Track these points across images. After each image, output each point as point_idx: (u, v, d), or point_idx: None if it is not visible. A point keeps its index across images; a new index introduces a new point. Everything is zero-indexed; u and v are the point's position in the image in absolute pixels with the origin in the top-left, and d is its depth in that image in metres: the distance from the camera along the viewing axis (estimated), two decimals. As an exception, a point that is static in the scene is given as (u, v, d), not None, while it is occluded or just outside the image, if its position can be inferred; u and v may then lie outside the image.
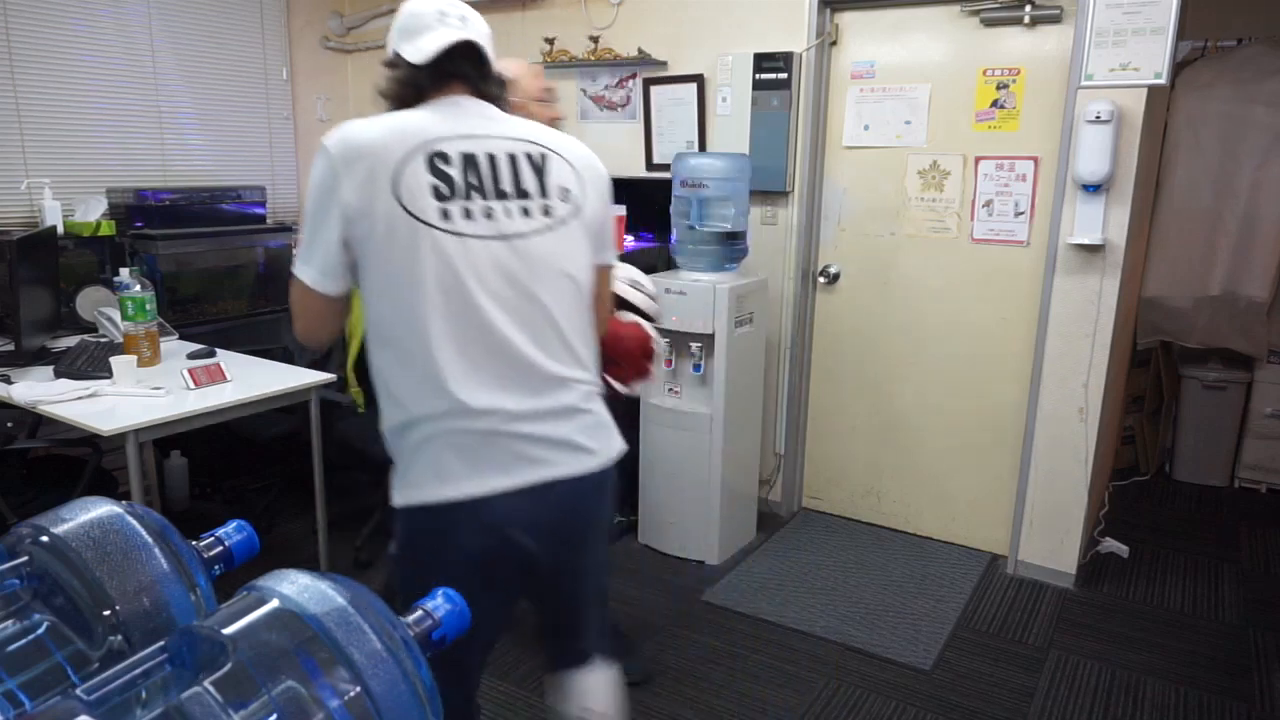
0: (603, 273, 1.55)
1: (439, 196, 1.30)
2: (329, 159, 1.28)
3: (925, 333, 3.30)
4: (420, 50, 1.36)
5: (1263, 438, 3.88)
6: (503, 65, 2.13)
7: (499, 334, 1.33)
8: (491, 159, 1.36)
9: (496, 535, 1.36)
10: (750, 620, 2.79)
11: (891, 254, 3.30)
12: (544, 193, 1.39)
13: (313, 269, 1.32)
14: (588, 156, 1.50)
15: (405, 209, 1.28)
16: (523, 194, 1.37)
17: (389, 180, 1.27)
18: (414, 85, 1.39)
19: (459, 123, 1.36)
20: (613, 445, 1.49)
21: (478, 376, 1.33)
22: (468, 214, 1.32)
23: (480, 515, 1.34)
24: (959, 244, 3.16)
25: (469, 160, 1.34)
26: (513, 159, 1.38)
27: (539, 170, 1.40)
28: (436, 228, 1.29)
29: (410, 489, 1.37)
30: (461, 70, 1.39)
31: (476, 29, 1.40)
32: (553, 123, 2.21)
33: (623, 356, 2.07)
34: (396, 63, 1.40)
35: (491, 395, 1.33)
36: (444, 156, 1.32)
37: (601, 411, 1.48)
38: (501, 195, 1.35)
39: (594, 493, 1.47)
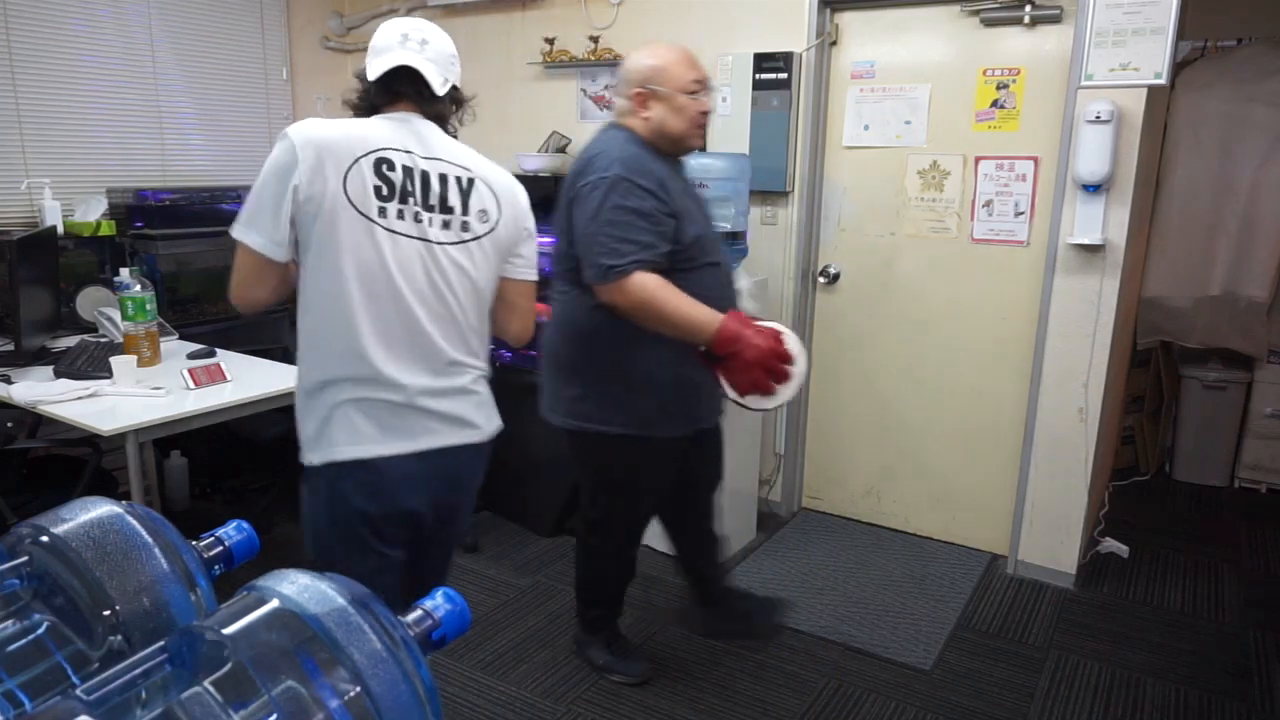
0: (520, 287, 1.76)
1: (380, 196, 1.51)
2: (290, 144, 1.46)
3: (925, 332, 3.29)
4: (374, 69, 1.57)
5: (1263, 438, 3.88)
6: (651, 53, 2.10)
7: (414, 319, 1.56)
8: (425, 175, 1.56)
9: (396, 491, 1.59)
10: (750, 620, 2.79)
11: (891, 254, 3.30)
12: (465, 211, 1.61)
13: (261, 236, 1.50)
14: (510, 186, 1.70)
15: (350, 201, 1.48)
16: (447, 209, 1.59)
17: (340, 174, 1.47)
18: (368, 99, 1.61)
19: (403, 138, 1.56)
20: (493, 422, 1.74)
21: (393, 352, 1.55)
22: (400, 215, 1.53)
23: (384, 473, 1.57)
24: (959, 244, 3.16)
25: (408, 171, 1.55)
26: (444, 179, 1.59)
27: (464, 193, 1.61)
28: (374, 221, 1.51)
29: (325, 448, 1.56)
30: (404, 91, 1.59)
31: (434, 52, 1.59)
32: (702, 116, 2.09)
33: (735, 361, 1.92)
34: (360, 77, 1.61)
35: (402, 370, 1.55)
36: (389, 163, 1.53)
37: (487, 393, 1.73)
38: (430, 208, 1.57)
39: (476, 460, 1.72)
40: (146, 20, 3.60)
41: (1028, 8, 2.87)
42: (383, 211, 1.51)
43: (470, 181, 1.62)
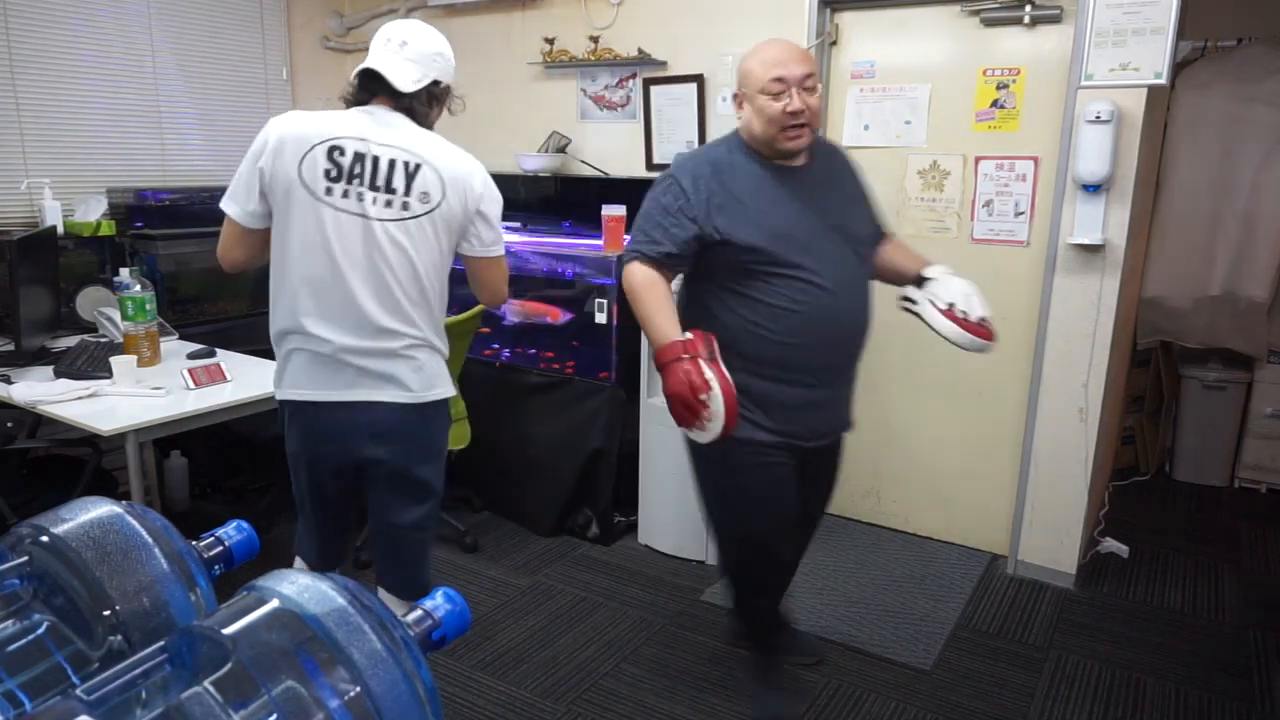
0: (479, 263, 1.95)
1: (328, 177, 1.75)
2: (266, 133, 1.77)
3: (925, 333, 3.28)
4: (357, 69, 1.83)
5: (1263, 438, 3.88)
6: (749, 53, 2.05)
7: (347, 287, 1.77)
8: (375, 160, 1.77)
9: (324, 432, 1.85)
10: (750, 620, 2.79)
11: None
12: (407, 192, 1.79)
13: (238, 207, 1.80)
14: (459, 173, 1.84)
15: (302, 181, 1.74)
16: (390, 190, 1.78)
17: (297, 159, 1.74)
18: (353, 93, 1.86)
19: (364, 128, 1.79)
20: (433, 389, 1.88)
21: (324, 314, 1.78)
22: (345, 194, 1.76)
23: (315, 415, 1.84)
24: (959, 244, 3.16)
25: (359, 156, 1.77)
26: (391, 163, 1.78)
27: (409, 176, 1.79)
28: (321, 199, 1.75)
29: (280, 387, 1.88)
30: (373, 87, 1.83)
31: (413, 51, 1.81)
32: (787, 116, 1.91)
33: (665, 388, 1.90)
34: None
35: (330, 329, 1.78)
36: (341, 150, 1.76)
37: (427, 360, 1.87)
38: (375, 188, 1.77)
39: (407, 420, 1.85)
40: (146, 20, 3.60)
41: (1028, 8, 2.87)
42: (329, 191, 1.75)
43: (417, 166, 1.80)
